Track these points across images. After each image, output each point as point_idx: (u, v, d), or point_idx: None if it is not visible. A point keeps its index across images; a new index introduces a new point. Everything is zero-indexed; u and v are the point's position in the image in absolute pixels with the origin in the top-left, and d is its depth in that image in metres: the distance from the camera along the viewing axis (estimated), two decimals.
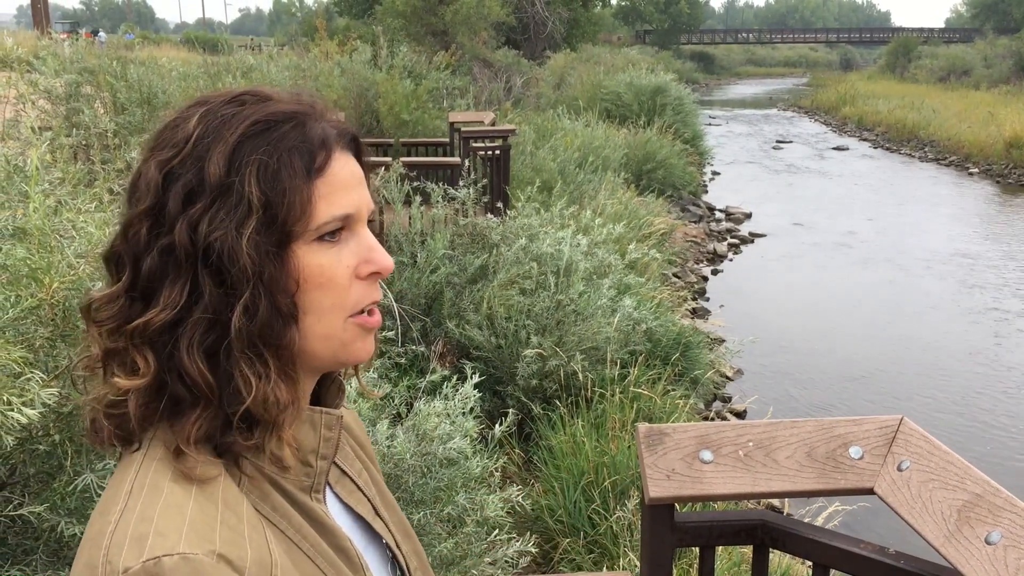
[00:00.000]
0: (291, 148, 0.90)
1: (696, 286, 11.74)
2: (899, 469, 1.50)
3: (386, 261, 0.97)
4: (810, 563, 1.62)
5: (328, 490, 1.04)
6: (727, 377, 8.59)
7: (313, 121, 0.93)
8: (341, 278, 0.93)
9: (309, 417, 0.98)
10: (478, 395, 3.46)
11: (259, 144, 0.88)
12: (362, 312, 0.96)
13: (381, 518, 1.10)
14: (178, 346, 0.86)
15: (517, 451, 5.29)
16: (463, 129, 8.83)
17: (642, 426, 1.62)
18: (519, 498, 3.47)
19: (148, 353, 0.87)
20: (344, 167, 0.94)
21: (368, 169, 1.01)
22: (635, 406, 5.37)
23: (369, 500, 1.09)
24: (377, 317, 0.99)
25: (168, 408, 0.88)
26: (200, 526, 0.81)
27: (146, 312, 0.86)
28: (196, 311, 0.86)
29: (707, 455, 1.59)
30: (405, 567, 1.11)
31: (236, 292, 0.86)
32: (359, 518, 1.07)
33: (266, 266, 0.87)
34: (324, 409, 0.99)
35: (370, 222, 0.99)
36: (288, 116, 0.92)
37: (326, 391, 1.07)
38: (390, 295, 5.12)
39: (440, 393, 3.42)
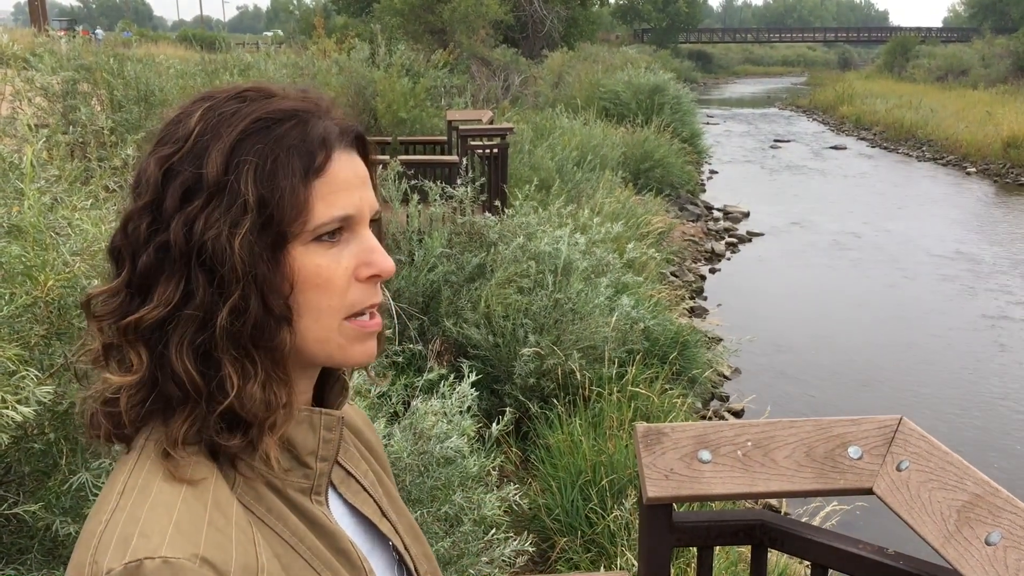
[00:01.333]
0: (290, 147, 0.88)
1: (694, 285, 11.74)
2: (898, 469, 1.50)
3: (386, 263, 0.95)
4: (808, 563, 1.61)
5: (332, 491, 1.03)
6: (725, 376, 8.59)
7: (316, 119, 0.92)
8: (339, 279, 0.92)
9: (308, 418, 0.96)
10: (475, 394, 3.45)
11: (257, 143, 0.87)
12: (361, 315, 0.95)
13: (388, 519, 1.09)
14: (168, 344, 0.86)
15: (514, 450, 5.28)
16: (461, 127, 8.82)
17: (640, 426, 1.62)
18: (516, 497, 3.46)
19: (141, 349, 0.86)
20: (346, 167, 0.93)
21: (374, 168, 1.00)
22: (633, 405, 5.36)
23: (375, 501, 1.08)
24: (377, 320, 0.97)
25: (161, 407, 0.88)
26: (186, 527, 0.81)
27: (141, 308, 0.86)
28: (188, 309, 0.85)
29: (705, 455, 1.59)
30: (414, 570, 1.10)
31: (226, 292, 0.86)
32: (365, 519, 1.06)
33: (259, 266, 0.86)
34: (324, 410, 0.98)
35: (373, 222, 0.98)
36: (290, 114, 0.90)
37: (329, 390, 1.05)
38: (387, 293, 5.10)
39: (437, 392, 3.42)
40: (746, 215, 16.77)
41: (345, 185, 0.92)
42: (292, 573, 0.89)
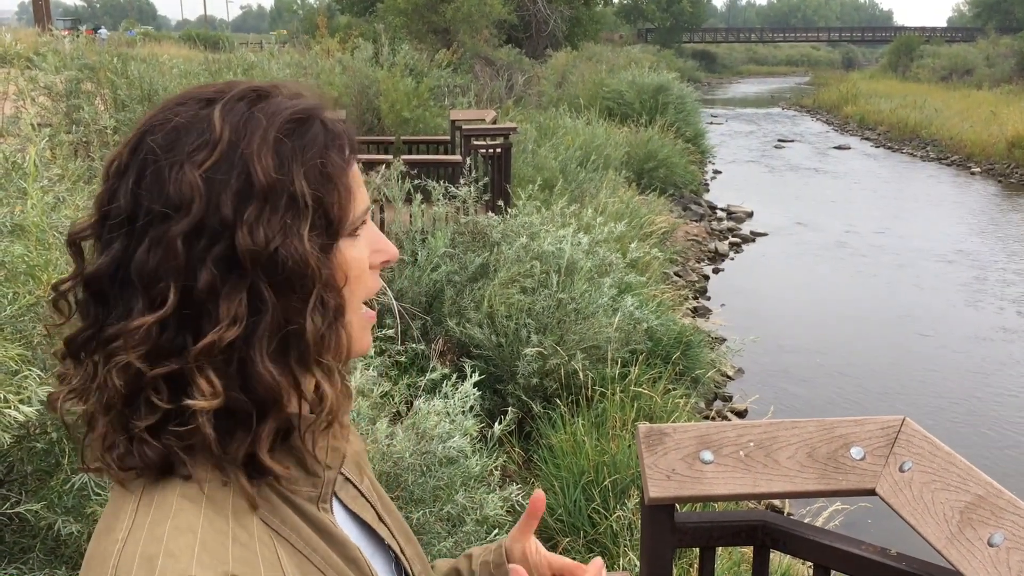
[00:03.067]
0: (326, 144, 0.88)
1: (697, 285, 11.73)
2: (901, 470, 1.49)
3: (394, 248, 0.98)
4: (811, 564, 1.61)
5: (333, 499, 1.02)
6: (728, 376, 8.58)
7: (327, 116, 0.92)
8: (366, 269, 0.94)
9: None
10: (478, 394, 3.46)
11: (298, 142, 0.86)
12: (368, 304, 0.97)
13: (384, 523, 1.09)
14: (249, 358, 0.82)
15: (517, 450, 5.28)
16: (464, 127, 8.83)
17: (642, 426, 1.61)
18: (519, 497, 3.46)
19: (210, 372, 0.81)
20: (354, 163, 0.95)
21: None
22: (635, 405, 5.36)
23: (372, 506, 1.08)
24: (373, 311, 0.99)
25: (230, 429, 0.84)
26: (212, 545, 0.79)
27: (200, 329, 0.81)
28: (262, 320, 0.82)
29: (707, 455, 1.58)
30: (409, 571, 1.10)
31: (303, 295, 0.84)
32: (363, 524, 1.06)
33: (326, 265, 0.86)
34: None
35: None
36: (311, 112, 0.90)
37: None
38: (390, 293, 5.11)
39: (440, 392, 3.42)
40: (750, 215, 16.76)
41: (359, 181, 0.94)
42: None
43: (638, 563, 2.26)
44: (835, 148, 28.10)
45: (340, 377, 0.92)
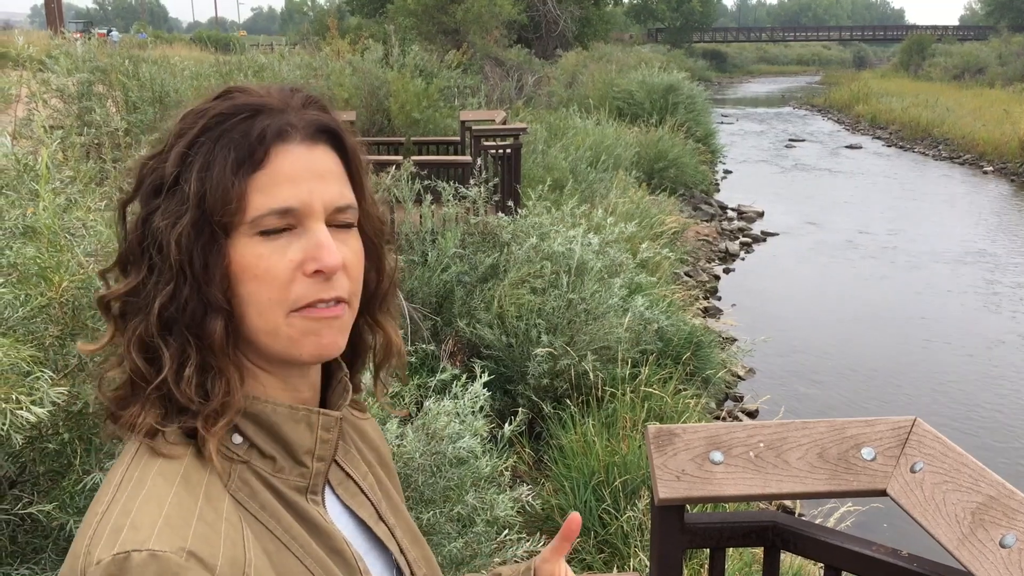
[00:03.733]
0: (230, 142, 0.90)
1: (708, 285, 11.70)
2: (912, 471, 1.48)
3: (330, 259, 0.92)
4: (822, 565, 1.60)
5: (330, 492, 1.03)
6: (739, 376, 8.56)
7: (271, 114, 0.92)
8: (281, 272, 0.91)
9: (306, 417, 0.97)
10: (488, 394, 3.45)
11: (207, 139, 0.90)
12: (311, 307, 0.93)
13: (385, 523, 1.09)
14: (129, 330, 0.92)
15: (527, 450, 5.28)
16: (474, 128, 8.83)
17: (652, 427, 1.61)
18: (529, 498, 3.46)
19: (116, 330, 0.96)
20: (295, 160, 0.92)
21: (354, 163, 0.99)
22: (646, 405, 5.35)
23: (373, 504, 1.08)
24: (333, 309, 0.94)
25: (135, 393, 0.92)
26: (175, 520, 0.82)
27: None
28: (138, 298, 0.91)
29: (717, 456, 1.58)
30: (411, 573, 1.10)
31: (162, 281, 0.90)
32: (363, 522, 1.06)
33: (193, 257, 0.89)
34: (322, 410, 0.98)
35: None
36: (243, 108, 0.92)
37: (332, 391, 1.06)
38: (400, 294, 5.11)
39: (450, 392, 3.41)
40: (760, 215, 16.71)
41: (289, 178, 0.91)
42: (283, 570, 0.89)
43: (648, 564, 2.25)
44: (846, 147, 27.99)
45: (214, 369, 0.91)
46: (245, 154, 0.90)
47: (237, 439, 0.93)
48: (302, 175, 0.92)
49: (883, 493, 1.52)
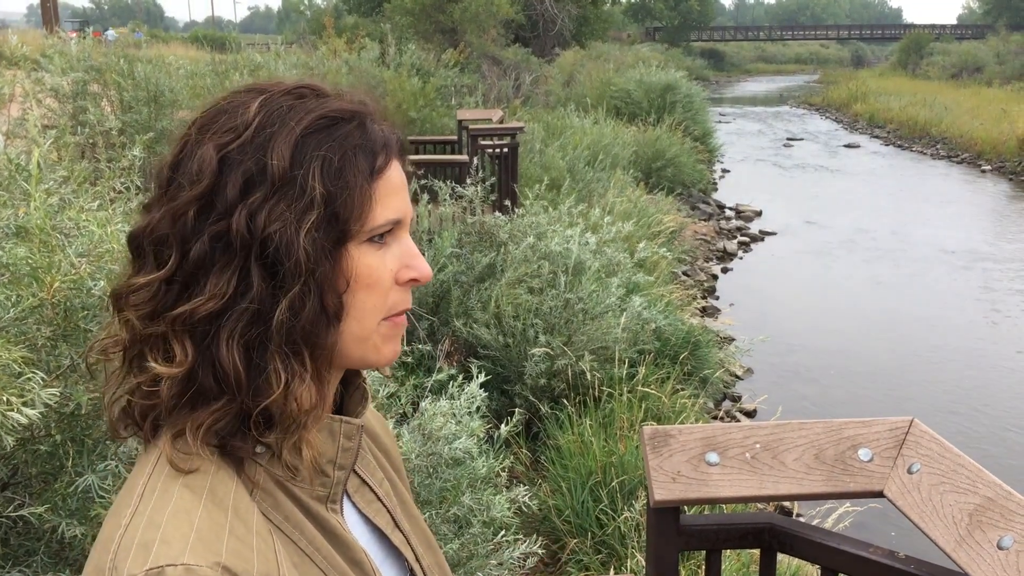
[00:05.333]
0: (355, 147, 0.89)
1: (706, 284, 11.70)
2: (909, 472, 1.48)
3: (426, 269, 0.97)
4: (819, 567, 1.59)
5: (347, 500, 1.02)
6: (737, 376, 8.56)
7: (372, 122, 0.93)
8: (385, 281, 0.93)
9: (328, 425, 0.96)
10: (485, 394, 3.44)
11: (324, 140, 0.88)
12: (397, 315, 0.96)
13: (401, 530, 1.08)
14: (218, 336, 0.85)
15: (524, 451, 5.27)
16: (471, 127, 8.82)
17: (647, 428, 1.60)
18: (526, 498, 3.45)
19: (187, 341, 0.85)
20: (398, 171, 0.95)
21: (409, 176, 1.01)
22: (643, 406, 5.34)
23: (389, 511, 1.07)
24: (404, 317, 0.99)
25: (191, 400, 0.86)
26: (207, 535, 0.80)
27: (189, 299, 0.85)
28: (242, 302, 0.85)
29: (713, 457, 1.57)
30: None
31: (285, 287, 0.85)
32: (378, 529, 1.05)
33: (321, 263, 0.86)
34: (344, 418, 0.97)
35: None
36: (351, 114, 0.92)
37: (349, 398, 1.05)
38: None
39: (446, 392, 3.40)
40: (759, 214, 16.71)
41: (398, 189, 0.94)
42: None
43: (645, 565, 2.25)
44: (844, 146, 28.01)
45: (320, 382, 0.90)
46: (372, 162, 0.91)
47: (259, 448, 0.90)
48: (403, 186, 0.96)
49: (880, 494, 1.51)
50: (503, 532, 3.24)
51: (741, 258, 13.82)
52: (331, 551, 0.92)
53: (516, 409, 4.26)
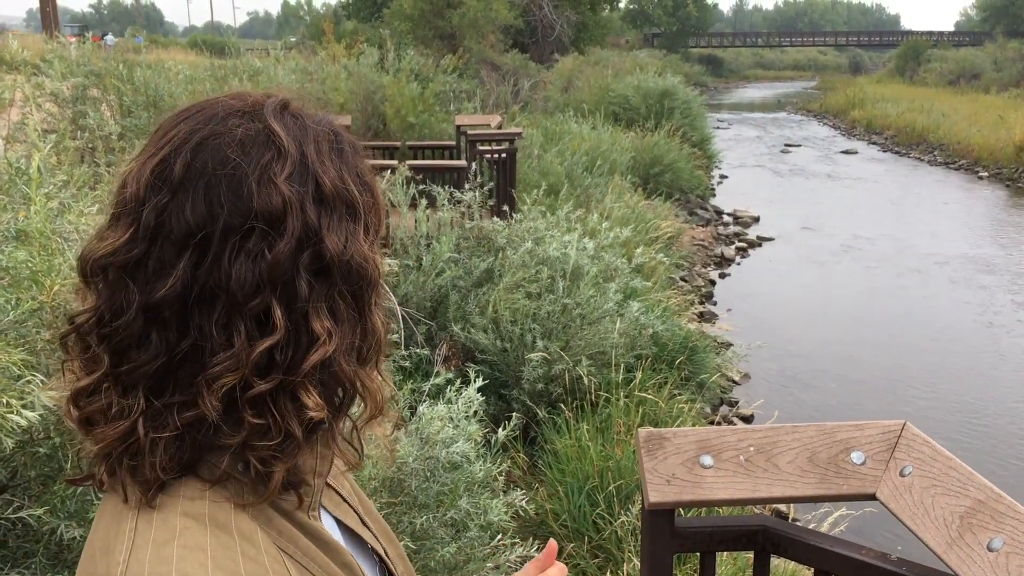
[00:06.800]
0: (359, 154, 0.92)
1: (703, 290, 11.71)
2: (901, 474, 1.49)
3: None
4: (813, 569, 1.61)
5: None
6: (734, 381, 8.57)
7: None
8: None
9: None
10: (482, 399, 3.45)
11: (343, 155, 0.89)
12: None
13: (367, 526, 1.09)
14: (337, 365, 0.85)
15: (522, 455, 5.27)
16: (470, 132, 8.83)
17: (642, 431, 1.61)
18: (523, 502, 3.46)
19: (309, 385, 0.83)
20: None
21: None
22: (640, 410, 5.35)
23: (354, 509, 1.08)
24: None
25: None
26: (224, 562, 0.78)
27: (309, 348, 0.82)
28: (344, 327, 0.85)
29: (707, 460, 1.58)
30: (393, 572, 1.10)
31: (368, 298, 0.88)
32: (347, 529, 1.06)
33: (377, 268, 0.89)
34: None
35: None
36: (338, 125, 0.93)
37: None
38: (394, 298, 5.11)
39: (444, 397, 3.41)
40: (756, 220, 16.73)
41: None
42: None
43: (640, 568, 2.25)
44: (842, 152, 28.04)
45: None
46: (370, 168, 0.94)
47: (240, 464, 0.86)
48: None
49: (872, 497, 1.52)
50: (500, 536, 3.25)
51: (739, 264, 13.84)
52: (325, 559, 0.92)
53: (513, 413, 4.27)
